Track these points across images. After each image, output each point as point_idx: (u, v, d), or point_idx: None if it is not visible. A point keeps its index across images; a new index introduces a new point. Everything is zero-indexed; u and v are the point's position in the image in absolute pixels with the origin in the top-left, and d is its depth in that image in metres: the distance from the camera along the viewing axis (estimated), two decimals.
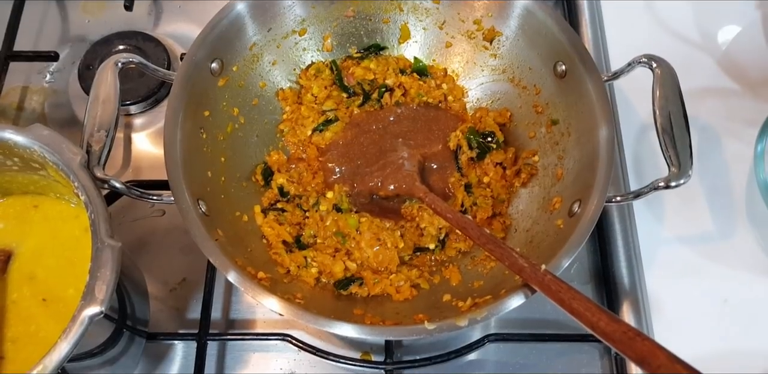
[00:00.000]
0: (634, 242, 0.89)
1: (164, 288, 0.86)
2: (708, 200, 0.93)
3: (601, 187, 0.73)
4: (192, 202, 0.72)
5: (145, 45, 1.01)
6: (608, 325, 0.60)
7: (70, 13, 1.07)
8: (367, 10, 0.93)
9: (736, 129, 0.98)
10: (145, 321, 0.80)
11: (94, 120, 0.73)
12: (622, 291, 0.86)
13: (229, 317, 0.85)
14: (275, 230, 0.83)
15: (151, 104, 0.98)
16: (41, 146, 0.67)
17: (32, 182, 0.75)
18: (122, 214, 0.91)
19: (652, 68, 0.78)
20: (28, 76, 1.01)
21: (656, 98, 0.77)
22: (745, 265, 0.89)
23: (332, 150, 0.90)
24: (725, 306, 0.86)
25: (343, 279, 0.81)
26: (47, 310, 0.70)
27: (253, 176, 0.88)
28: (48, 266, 0.72)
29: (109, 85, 0.75)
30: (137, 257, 0.88)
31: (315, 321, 0.67)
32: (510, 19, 0.87)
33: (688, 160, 0.73)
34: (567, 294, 0.64)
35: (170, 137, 0.75)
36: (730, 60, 1.04)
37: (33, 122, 0.96)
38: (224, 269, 0.69)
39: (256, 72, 0.90)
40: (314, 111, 0.92)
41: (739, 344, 0.85)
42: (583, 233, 0.71)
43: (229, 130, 0.86)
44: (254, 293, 0.68)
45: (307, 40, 0.93)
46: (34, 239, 0.74)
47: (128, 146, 0.96)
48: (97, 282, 0.59)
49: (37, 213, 0.76)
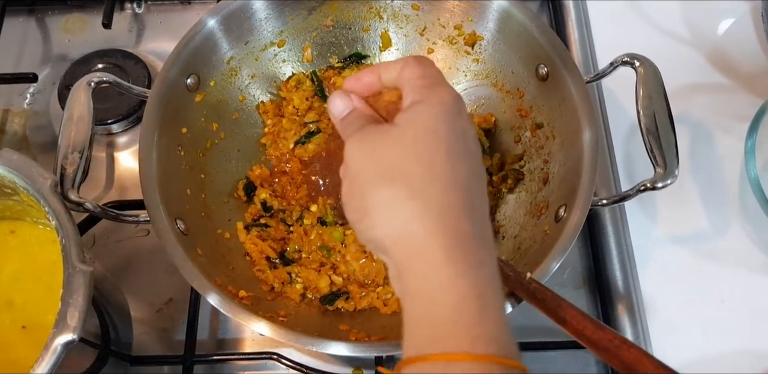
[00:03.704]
0: (627, 244, 0.88)
1: (150, 308, 0.85)
2: (701, 197, 0.91)
3: (585, 191, 0.72)
4: (169, 221, 0.71)
5: (125, 63, 1.00)
6: (594, 333, 0.59)
7: (51, 32, 1.07)
8: (347, 19, 0.92)
9: (727, 124, 0.96)
10: (128, 345, 0.79)
11: (68, 142, 0.72)
12: (616, 294, 0.84)
13: (217, 336, 0.84)
14: (258, 246, 0.81)
15: (132, 122, 0.97)
16: (10, 171, 0.66)
17: (7, 208, 0.74)
18: (106, 235, 0.89)
19: (635, 67, 0.77)
20: (9, 99, 1.01)
21: (639, 98, 0.76)
22: (741, 263, 0.87)
23: (315, 162, 0.89)
24: (722, 306, 0.85)
25: (328, 294, 0.80)
26: (27, 337, 0.69)
27: (234, 191, 0.87)
28: (26, 292, 0.71)
29: (82, 105, 0.74)
30: (122, 278, 0.87)
31: (298, 339, 0.66)
32: (489, 23, 0.86)
33: (674, 160, 0.72)
34: (552, 302, 0.63)
35: (146, 157, 0.74)
36: (720, 55, 1.02)
37: (15, 145, 0.96)
38: (203, 290, 0.68)
39: (235, 86, 0.89)
40: (296, 123, 0.91)
41: (739, 344, 0.83)
42: (568, 239, 0.70)
43: (209, 146, 0.85)
44: (235, 314, 0.67)
45: (287, 51, 0.92)
46: (11, 265, 0.73)
47: (111, 166, 0.96)
48: (69, 309, 0.58)
49: (15, 239, 0.75)
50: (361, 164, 0.49)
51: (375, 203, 0.47)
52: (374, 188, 0.47)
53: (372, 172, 0.48)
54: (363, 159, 0.49)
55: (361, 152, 0.50)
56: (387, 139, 0.49)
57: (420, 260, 0.45)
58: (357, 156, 0.50)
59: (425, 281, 0.45)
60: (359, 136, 0.51)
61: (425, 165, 0.47)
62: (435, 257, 0.44)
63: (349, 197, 0.51)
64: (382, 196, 0.47)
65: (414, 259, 0.46)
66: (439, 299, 0.44)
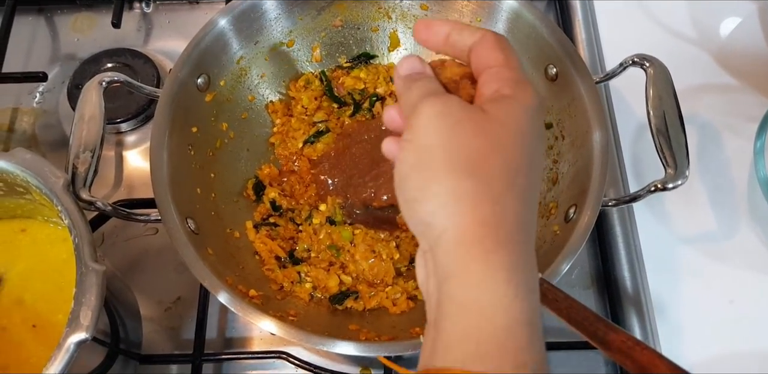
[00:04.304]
0: (636, 244, 0.88)
1: (159, 307, 0.85)
2: (709, 198, 0.91)
3: (596, 191, 0.72)
4: (180, 220, 0.71)
5: (134, 62, 1.00)
6: (606, 335, 0.58)
7: (60, 31, 1.07)
8: (356, 19, 0.92)
9: (736, 125, 0.96)
10: (138, 343, 0.79)
11: (79, 141, 0.72)
12: (624, 294, 0.84)
13: (226, 335, 0.84)
14: (268, 246, 0.82)
15: (141, 121, 0.98)
16: (23, 171, 0.66)
17: (19, 206, 0.74)
18: (115, 234, 0.90)
19: (645, 68, 0.77)
20: (18, 98, 1.01)
21: (649, 98, 0.76)
22: (750, 264, 0.87)
23: (324, 162, 0.89)
24: (731, 306, 0.85)
25: (338, 294, 0.80)
26: (37, 336, 0.69)
27: (244, 191, 0.87)
28: (36, 291, 0.72)
29: (93, 104, 0.74)
30: (131, 276, 0.87)
31: (308, 339, 0.66)
32: (498, 23, 0.86)
33: (685, 160, 0.72)
34: (564, 303, 0.62)
35: (157, 156, 0.74)
36: (728, 55, 1.02)
37: (24, 144, 0.96)
38: (214, 289, 0.68)
39: (245, 86, 0.89)
40: (305, 123, 0.91)
41: (747, 345, 0.83)
42: (579, 239, 0.70)
43: (218, 145, 0.85)
44: (245, 313, 0.67)
45: (296, 51, 0.92)
46: (22, 264, 0.73)
47: (120, 164, 0.96)
48: (82, 308, 0.58)
49: (25, 237, 0.76)
50: (440, 140, 0.44)
51: (447, 191, 0.43)
52: (451, 175, 0.43)
53: (452, 155, 0.43)
54: (443, 136, 0.44)
55: (443, 127, 0.45)
56: (475, 124, 0.44)
57: (479, 271, 0.42)
58: (435, 129, 0.45)
59: (480, 294, 0.42)
60: (441, 105, 0.46)
61: (509, 168, 0.44)
62: (498, 274, 0.42)
63: (413, 170, 0.45)
64: (457, 187, 0.43)
65: (472, 268, 0.42)
66: (493, 317, 0.41)
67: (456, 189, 0.43)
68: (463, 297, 0.42)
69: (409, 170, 0.46)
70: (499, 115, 0.45)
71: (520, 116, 0.45)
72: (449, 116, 0.45)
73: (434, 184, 0.44)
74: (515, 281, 0.42)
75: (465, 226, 0.42)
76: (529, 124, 0.46)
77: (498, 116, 0.45)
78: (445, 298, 0.43)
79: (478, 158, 0.43)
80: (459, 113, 0.45)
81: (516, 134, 0.45)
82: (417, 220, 0.46)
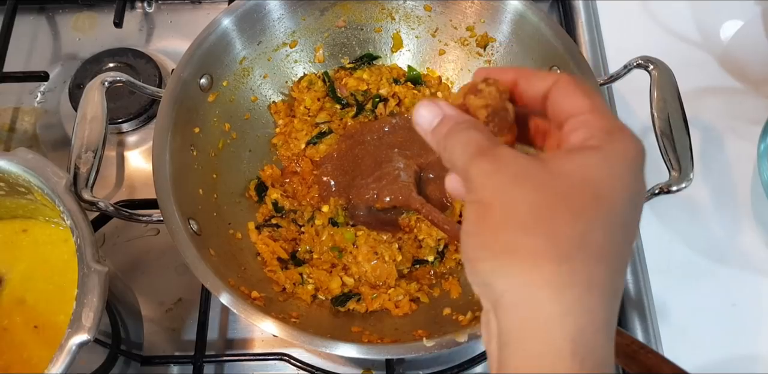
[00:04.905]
0: (639, 248, 0.87)
1: (160, 308, 0.85)
2: (712, 201, 0.91)
3: None
4: (182, 221, 0.71)
5: (135, 62, 1.00)
6: None
7: (61, 30, 1.07)
8: (359, 19, 0.92)
9: (739, 128, 0.96)
10: (139, 345, 0.79)
11: (81, 141, 0.72)
12: (627, 297, 0.84)
13: (227, 336, 0.84)
14: (270, 247, 0.81)
15: (143, 122, 0.97)
16: (26, 171, 0.66)
17: (20, 207, 0.74)
18: (116, 234, 0.89)
19: (649, 70, 0.76)
20: (19, 97, 1.00)
21: (654, 101, 0.75)
22: (752, 266, 0.87)
23: (327, 163, 0.89)
24: (734, 309, 0.84)
25: (340, 295, 0.79)
26: (39, 337, 0.69)
27: (246, 192, 0.87)
28: (38, 292, 0.71)
29: (96, 104, 0.74)
30: (132, 277, 0.87)
31: (311, 341, 0.66)
32: (503, 25, 0.86)
33: (689, 163, 0.72)
34: None
35: (159, 156, 0.74)
36: (732, 58, 1.02)
37: (25, 143, 0.96)
38: (216, 290, 0.68)
39: (247, 86, 0.89)
40: (307, 124, 0.91)
41: (750, 348, 0.82)
42: None
43: (221, 146, 0.85)
44: (248, 314, 0.67)
45: (299, 52, 0.92)
46: (23, 264, 0.73)
47: (121, 165, 0.95)
48: (83, 309, 0.58)
49: (27, 237, 0.75)
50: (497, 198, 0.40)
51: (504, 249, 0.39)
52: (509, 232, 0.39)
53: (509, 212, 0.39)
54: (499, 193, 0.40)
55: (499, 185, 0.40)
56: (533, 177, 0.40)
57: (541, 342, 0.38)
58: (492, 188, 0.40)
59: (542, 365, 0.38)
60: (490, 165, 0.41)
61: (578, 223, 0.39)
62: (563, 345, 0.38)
63: (473, 228, 0.41)
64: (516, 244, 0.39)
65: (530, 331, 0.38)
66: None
67: (513, 249, 0.39)
68: (521, 365, 0.39)
69: (471, 229, 0.42)
70: (568, 169, 0.40)
71: (601, 170, 0.40)
72: (503, 173, 0.41)
73: (493, 244, 0.40)
74: (582, 353, 0.38)
75: (525, 290, 0.38)
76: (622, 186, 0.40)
77: (566, 170, 0.40)
78: (505, 365, 0.40)
79: (539, 213, 0.39)
80: (513, 167, 0.41)
81: (589, 188, 0.39)
82: (478, 280, 0.42)
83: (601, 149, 0.40)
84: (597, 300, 0.38)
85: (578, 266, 0.38)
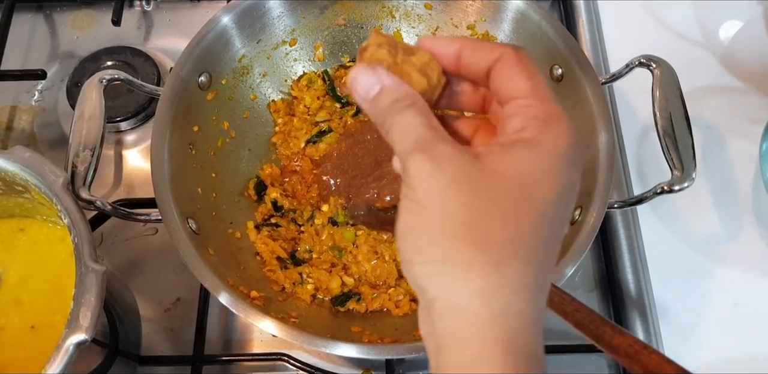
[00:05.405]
0: (639, 247, 0.87)
1: (158, 308, 0.84)
2: (714, 200, 0.91)
3: (602, 193, 0.71)
4: (181, 220, 0.71)
5: (134, 60, 0.99)
6: (613, 338, 0.57)
7: (59, 28, 1.06)
8: (359, 17, 0.91)
9: (741, 127, 0.95)
10: (137, 345, 0.79)
11: (79, 140, 0.72)
12: (628, 297, 0.84)
13: (226, 336, 0.83)
14: (269, 246, 0.81)
15: (141, 120, 0.97)
16: (23, 169, 0.65)
17: (17, 205, 0.73)
18: (114, 234, 0.89)
19: (651, 69, 0.76)
20: (17, 96, 1.00)
21: (656, 100, 0.75)
22: (754, 266, 0.86)
23: (326, 162, 0.88)
24: (735, 309, 0.84)
25: (340, 295, 0.79)
26: (36, 337, 0.68)
27: (245, 191, 0.86)
28: (35, 291, 0.71)
29: (93, 103, 0.73)
30: (130, 277, 0.86)
31: (310, 341, 0.65)
32: (504, 23, 0.85)
33: (691, 162, 0.71)
34: (570, 306, 0.62)
35: (157, 155, 0.73)
36: (733, 57, 1.01)
37: (22, 142, 0.95)
38: (215, 290, 0.67)
39: (246, 84, 0.88)
40: (307, 122, 0.90)
41: (751, 348, 0.82)
42: (585, 242, 0.69)
43: (220, 144, 0.84)
44: (247, 314, 0.66)
45: (298, 50, 0.91)
46: (20, 264, 0.72)
47: (119, 163, 0.95)
48: (81, 309, 0.58)
49: (24, 237, 0.75)
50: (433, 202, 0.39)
51: (437, 259, 0.39)
52: (443, 241, 0.39)
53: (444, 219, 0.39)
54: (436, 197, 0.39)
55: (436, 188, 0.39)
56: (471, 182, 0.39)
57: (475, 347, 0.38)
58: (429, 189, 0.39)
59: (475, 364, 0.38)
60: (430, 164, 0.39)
61: (511, 230, 0.38)
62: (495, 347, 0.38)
63: (409, 230, 0.41)
64: (448, 254, 0.38)
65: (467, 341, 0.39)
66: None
67: (447, 257, 0.39)
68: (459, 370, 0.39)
69: (406, 229, 0.41)
70: (503, 168, 0.39)
71: (536, 168, 0.39)
72: (441, 175, 0.39)
73: (427, 249, 0.39)
74: (514, 352, 0.38)
75: (456, 297, 0.38)
76: (550, 176, 0.40)
77: (501, 169, 0.39)
78: (443, 367, 0.40)
79: (473, 220, 0.38)
80: (451, 169, 0.39)
81: (521, 188, 0.39)
82: (412, 281, 0.42)
83: (534, 143, 0.40)
84: (525, 302, 0.39)
85: (509, 272, 0.38)
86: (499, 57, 0.43)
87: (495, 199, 0.39)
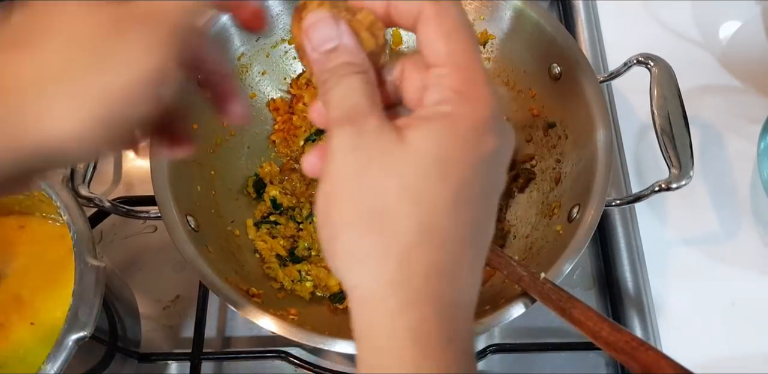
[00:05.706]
0: (637, 245, 0.87)
1: (157, 305, 0.85)
2: (712, 199, 0.91)
3: (600, 190, 0.71)
4: (180, 218, 0.71)
5: None
6: (610, 334, 0.58)
7: None
8: None
9: (739, 126, 0.95)
10: (136, 342, 0.79)
11: None
12: (626, 295, 0.84)
13: (225, 334, 0.83)
14: (268, 244, 0.81)
15: None
16: None
17: (17, 202, 0.74)
18: (113, 231, 0.89)
19: (649, 67, 0.76)
20: None
21: (654, 98, 0.75)
22: (752, 264, 0.87)
23: None
24: (733, 308, 0.84)
25: (339, 293, 0.79)
26: (35, 334, 0.68)
27: (244, 188, 0.86)
28: (34, 288, 0.71)
29: None
30: (129, 274, 0.86)
31: (309, 338, 0.65)
32: (502, 22, 0.85)
33: (689, 161, 0.71)
34: (567, 303, 0.62)
35: (157, 153, 0.73)
36: (731, 56, 1.01)
37: None
38: (214, 287, 0.67)
39: (246, 83, 0.88)
40: (306, 121, 0.90)
41: (749, 347, 0.82)
42: (583, 239, 0.69)
43: (219, 142, 0.84)
44: (246, 311, 0.66)
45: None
46: (20, 261, 0.72)
47: (118, 161, 0.95)
48: (80, 305, 0.58)
49: (23, 234, 0.74)
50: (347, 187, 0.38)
51: (348, 249, 0.38)
52: (353, 230, 0.38)
53: (356, 205, 0.37)
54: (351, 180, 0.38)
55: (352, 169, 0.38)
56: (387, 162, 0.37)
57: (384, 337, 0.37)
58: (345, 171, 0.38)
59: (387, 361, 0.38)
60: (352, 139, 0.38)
61: (422, 214, 0.37)
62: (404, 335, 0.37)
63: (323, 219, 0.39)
64: (359, 243, 0.38)
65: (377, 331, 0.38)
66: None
67: (358, 246, 0.38)
68: (371, 362, 0.39)
69: (321, 217, 0.40)
70: (422, 146, 0.37)
71: (449, 143, 0.37)
72: (359, 154, 0.37)
73: (339, 239, 0.38)
74: (425, 340, 0.37)
75: (368, 287, 0.38)
76: (463, 151, 0.37)
77: (420, 147, 0.37)
78: (358, 359, 0.40)
79: (385, 206, 0.37)
80: (371, 148, 0.37)
81: (437, 167, 0.37)
82: (333, 271, 0.41)
83: (450, 117, 0.37)
84: (437, 287, 0.37)
85: (418, 258, 0.37)
86: (419, 13, 0.39)
87: (407, 182, 0.37)
